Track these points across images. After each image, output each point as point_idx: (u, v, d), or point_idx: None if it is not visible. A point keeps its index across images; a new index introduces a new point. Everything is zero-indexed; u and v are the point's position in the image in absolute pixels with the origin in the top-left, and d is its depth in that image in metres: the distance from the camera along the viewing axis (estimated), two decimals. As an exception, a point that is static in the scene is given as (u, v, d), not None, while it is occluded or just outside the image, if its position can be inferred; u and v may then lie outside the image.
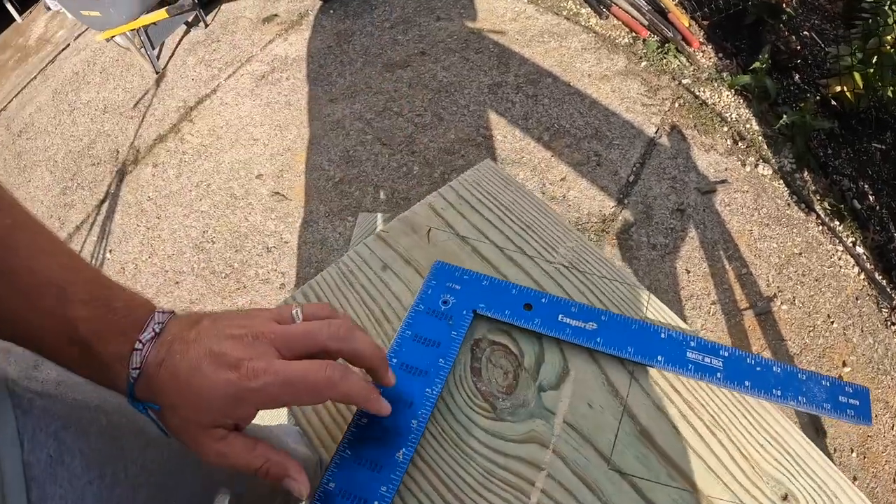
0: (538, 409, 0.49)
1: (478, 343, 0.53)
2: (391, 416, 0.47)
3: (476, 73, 2.29)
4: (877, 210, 1.56)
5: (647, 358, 0.50)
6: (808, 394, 0.49)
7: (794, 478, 0.47)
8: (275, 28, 2.73)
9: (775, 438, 0.48)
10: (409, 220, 0.61)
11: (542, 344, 0.52)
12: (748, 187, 1.78)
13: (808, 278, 1.58)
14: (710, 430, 0.48)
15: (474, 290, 0.54)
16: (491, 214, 0.60)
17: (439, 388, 0.49)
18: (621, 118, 2.03)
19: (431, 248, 0.58)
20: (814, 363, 1.44)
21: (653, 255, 1.71)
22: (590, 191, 1.88)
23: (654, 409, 0.49)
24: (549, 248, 0.58)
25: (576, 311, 0.53)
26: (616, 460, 0.47)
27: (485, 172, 0.64)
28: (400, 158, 2.10)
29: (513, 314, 0.53)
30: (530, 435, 0.48)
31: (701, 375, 0.50)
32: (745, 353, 0.51)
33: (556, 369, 0.51)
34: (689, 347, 0.51)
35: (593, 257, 0.57)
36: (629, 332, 0.52)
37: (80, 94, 2.81)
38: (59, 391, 0.46)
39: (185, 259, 2.04)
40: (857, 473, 1.30)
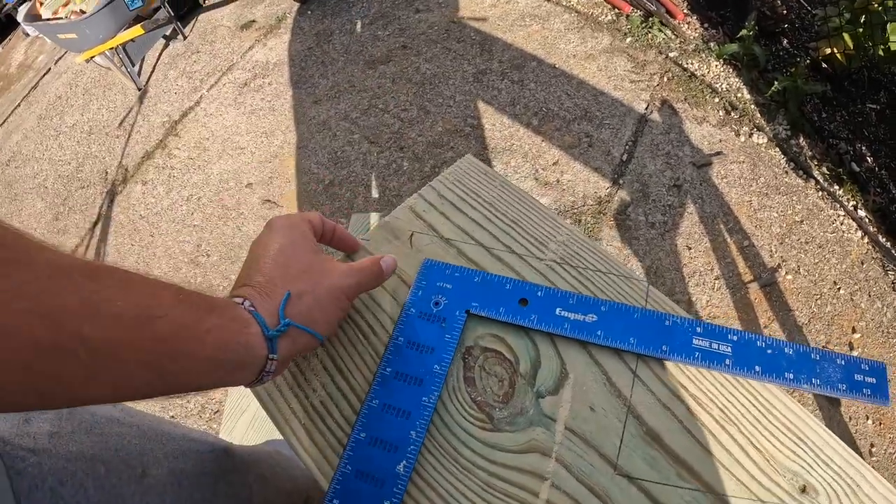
0: (537, 416, 0.47)
1: (469, 351, 0.50)
2: (389, 429, 0.46)
3: (459, 63, 2.25)
4: (876, 172, 1.52)
5: (652, 348, 0.48)
6: (822, 375, 0.47)
7: (811, 468, 0.44)
8: (253, 34, 2.70)
9: (789, 428, 0.45)
10: (391, 226, 0.58)
11: (537, 347, 0.50)
12: (744, 157, 1.74)
13: (812, 246, 1.54)
14: (721, 424, 0.46)
15: (466, 288, 0.52)
16: (475, 213, 0.58)
17: (436, 397, 0.47)
18: (610, 97, 2.00)
19: (415, 253, 0.56)
20: (823, 331, 1.42)
21: (652, 234, 1.68)
22: (583, 173, 1.85)
23: (660, 407, 0.46)
24: (538, 244, 0.55)
25: (574, 303, 0.50)
26: (623, 465, 0.45)
27: (466, 168, 0.61)
28: (388, 155, 2.07)
29: (508, 311, 0.50)
30: (531, 444, 0.46)
31: (709, 364, 0.47)
32: (755, 335, 0.48)
33: (553, 373, 0.48)
34: (696, 334, 0.49)
35: (586, 250, 0.54)
36: (631, 322, 0.49)
37: (65, 117, 2.79)
38: (53, 444, 0.45)
39: (182, 275, 2.02)
40: (873, 440, 1.28)
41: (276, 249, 0.45)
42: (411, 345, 0.49)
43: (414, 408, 0.47)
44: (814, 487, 0.43)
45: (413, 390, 0.47)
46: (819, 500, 0.43)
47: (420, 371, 0.48)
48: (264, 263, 0.45)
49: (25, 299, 0.29)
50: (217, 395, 1.71)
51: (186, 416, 1.76)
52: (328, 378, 0.51)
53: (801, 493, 0.43)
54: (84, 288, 0.32)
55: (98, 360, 0.32)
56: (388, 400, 0.47)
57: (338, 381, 0.50)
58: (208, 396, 1.76)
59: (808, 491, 0.43)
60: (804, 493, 0.43)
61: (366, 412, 0.47)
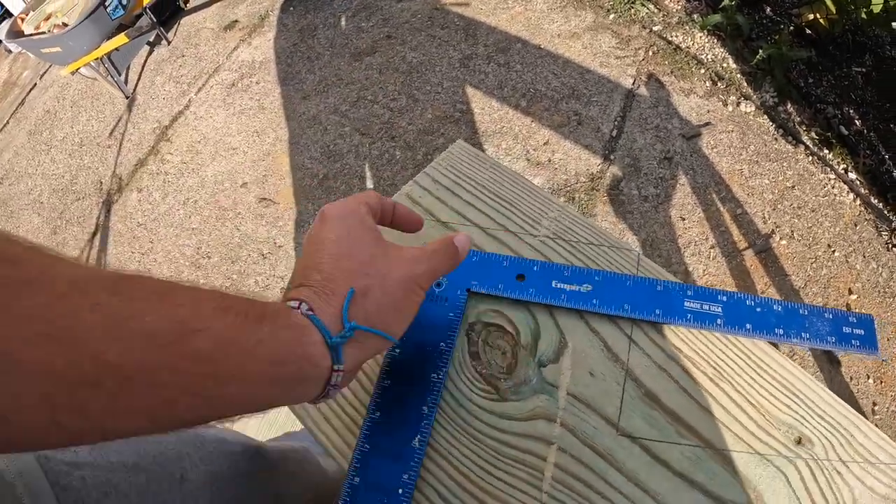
0: (540, 384, 0.49)
1: (472, 327, 0.52)
2: (402, 406, 0.48)
3: (445, 49, 2.25)
4: (865, 134, 1.54)
5: (645, 313, 0.50)
6: (811, 329, 0.49)
7: (805, 420, 0.46)
8: (237, 34, 2.69)
9: (782, 384, 0.48)
10: (389, 214, 0.60)
11: (536, 319, 0.52)
12: (733, 127, 1.76)
13: (804, 210, 1.56)
14: (715, 382, 0.48)
15: (465, 267, 0.54)
16: (469, 196, 0.59)
17: (445, 372, 0.49)
18: (596, 74, 2.01)
19: (413, 239, 0.57)
20: (819, 294, 1.44)
21: (646, 207, 1.70)
22: (574, 151, 1.86)
23: (656, 369, 0.48)
24: (532, 221, 0.57)
25: (569, 274, 0.52)
26: (624, 425, 0.47)
27: (458, 153, 0.63)
28: (380, 146, 2.08)
29: (506, 287, 0.52)
30: (536, 411, 0.48)
31: (700, 324, 0.49)
32: (744, 294, 0.50)
33: (553, 343, 0.50)
34: (687, 297, 0.51)
35: (578, 225, 0.56)
36: (624, 289, 0.51)
37: (55, 131, 2.78)
38: (94, 456, 0.45)
39: (184, 279, 2.03)
40: (875, 399, 1.30)
41: (333, 241, 0.40)
42: (418, 325, 0.51)
43: (424, 383, 0.49)
44: (809, 439, 0.46)
45: (424, 367, 0.49)
46: (815, 451, 0.45)
47: (429, 349, 0.50)
48: (320, 259, 0.39)
49: (39, 323, 0.25)
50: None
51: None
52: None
53: (797, 445, 0.45)
54: (106, 304, 0.27)
55: (128, 388, 0.27)
56: (399, 379, 0.49)
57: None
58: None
59: (803, 442, 0.45)
60: (800, 444, 0.45)
61: (379, 393, 0.49)
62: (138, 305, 0.28)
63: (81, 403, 0.26)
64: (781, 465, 0.45)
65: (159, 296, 0.30)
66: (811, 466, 0.45)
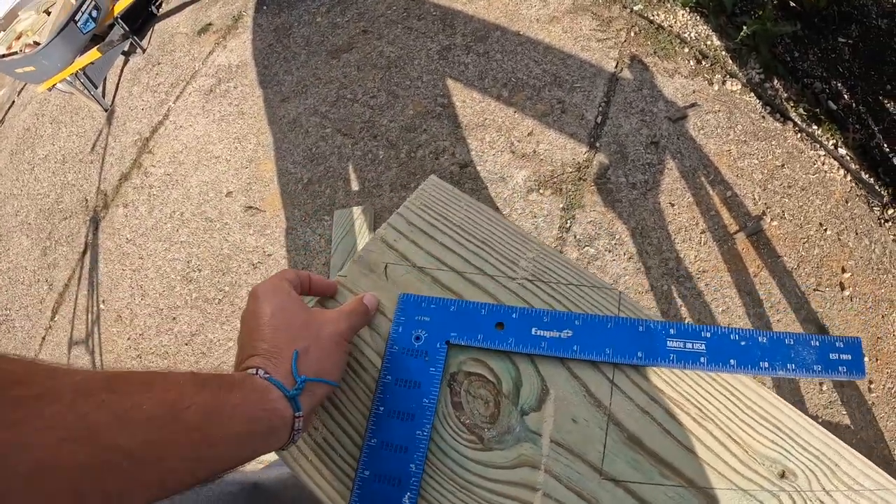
0: (524, 432, 0.49)
1: (454, 377, 0.52)
2: (389, 464, 0.48)
3: (422, 41, 2.21)
4: (853, 108, 1.51)
5: (627, 356, 0.49)
6: (797, 359, 0.49)
7: (789, 454, 0.46)
8: (212, 37, 2.64)
9: (765, 418, 0.47)
10: (365, 260, 0.59)
11: (517, 367, 0.51)
12: (719, 106, 1.73)
13: (795, 189, 1.55)
14: (699, 422, 0.48)
15: (444, 318, 0.53)
16: (445, 238, 0.58)
17: (429, 429, 0.49)
18: (578, 59, 1.97)
19: (391, 285, 0.57)
20: (812, 274, 1.44)
21: (634, 195, 1.69)
22: (559, 140, 1.84)
23: (639, 412, 0.48)
24: (509, 263, 0.56)
25: (548, 320, 0.52)
26: (608, 469, 0.47)
27: (431, 192, 0.62)
28: (363, 146, 2.05)
29: (486, 337, 0.52)
30: (520, 459, 0.48)
31: (684, 364, 0.49)
32: (728, 329, 0.50)
33: (535, 390, 0.50)
34: (669, 336, 0.50)
35: (556, 264, 0.55)
36: (605, 333, 0.51)
37: (37, 149, 2.75)
38: None
39: (177, 293, 2.03)
40: (871, 376, 1.31)
41: (270, 314, 0.48)
42: (399, 382, 0.51)
43: (410, 442, 0.49)
44: (792, 472, 0.46)
45: (407, 426, 0.49)
46: (798, 483, 0.45)
47: (411, 406, 0.50)
48: (263, 331, 0.47)
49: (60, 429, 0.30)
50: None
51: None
52: (327, 416, 0.53)
53: (781, 478, 0.46)
54: (109, 401, 0.33)
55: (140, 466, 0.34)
56: (386, 437, 0.49)
57: (337, 419, 0.52)
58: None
59: (786, 475, 0.46)
60: (783, 478, 0.46)
61: (367, 451, 0.49)
62: (134, 398, 0.35)
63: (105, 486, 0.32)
64: (765, 500, 0.45)
65: (147, 385, 0.36)
66: (794, 499, 0.45)
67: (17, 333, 2.26)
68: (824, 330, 1.38)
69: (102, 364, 2.01)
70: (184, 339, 1.95)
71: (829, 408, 1.34)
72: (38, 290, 2.30)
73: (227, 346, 1.87)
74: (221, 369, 1.75)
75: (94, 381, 0.34)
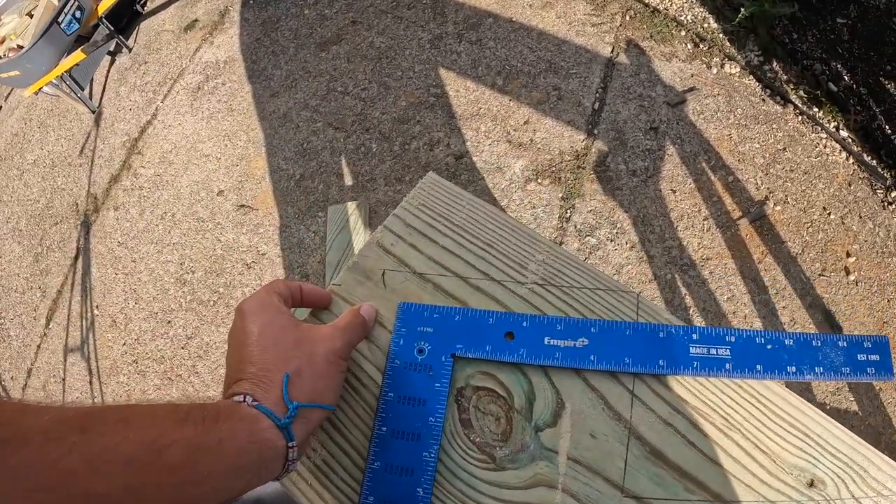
0: (539, 450, 0.46)
1: (461, 392, 0.49)
2: (395, 489, 0.45)
3: (413, 31, 2.16)
4: (854, 89, 1.47)
5: (648, 366, 0.46)
6: (825, 362, 0.46)
7: (817, 462, 0.44)
8: (198, 34, 2.57)
9: (793, 425, 0.45)
10: (360, 267, 0.55)
11: (529, 379, 0.48)
12: (718, 90, 1.70)
13: (797, 173, 1.52)
14: (724, 432, 0.45)
15: (448, 329, 0.50)
16: (446, 240, 0.55)
17: (436, 450, 0.46)
18: (573, 44, 1.93)
19: (390, 294, 0.54)
20: (817, 259, 1.41)
21: (635, 182, 1.66)
22: (557, 128, 1.81)
23: (661, 424, 0.45)
24: (517, 266, 0.53)
25: (562, 328, 0.48)
26: (630, 486, 0.44)
27: (429, 190, 0.59)
28: (356, 139, 2.01)
29: (494, 349, 0.48)
30: (536, 479, 0.45)
31: (708, 371, 0.46)
32: (753, 332, 0.47)
33: (549, 405, 0.47)
34: (692, 342, 0.47)
35: (568, 267, 0.52)
36: (624, 340, 0.47)
37: (25, 154, 2.69)
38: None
39: (171, 296, 1.99)
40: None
41: (257, 334, 0.44)
42: (402, 399, 0.48)
43: (417, 465, 0.46)
44: (821, 480, 0.43)
45: (412, 447, 0.46)
46: (827, 492, 0.43)
47: (416, 426, 0.47)
48: (250, 352, 0.43)
49: (28, 479, 0.28)
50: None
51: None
52: (326, 436, 0.50)
53: (809, 488, 0.43)
54: (81, 444, 0.31)
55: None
56: (390, 460, 0.46)
57: (336, 439, 0.49)
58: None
59: (815, 484, 0.43)
60: (812, 486, 0.43)
61: (370, 475, 0.46)
62: (110, 438, 0.32)
63: None
64: (794, 512, 0.42)
65: (125, 423, 0.34)
66: (824, 509, 0.42)
67: (12, 342, 2.22)
68: (830, 315, 1.36)
69: (99, 370, 1.98)
70: (180, 342, 1.91)
71: (836, 395, 1.32)
72: (32, 298, 2.26)
73: (223, 349, 1.83)
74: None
75: (66, 422, 0.31)
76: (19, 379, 2.13)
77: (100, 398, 1.94)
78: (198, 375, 1.84)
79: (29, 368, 2.13)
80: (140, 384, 1.90)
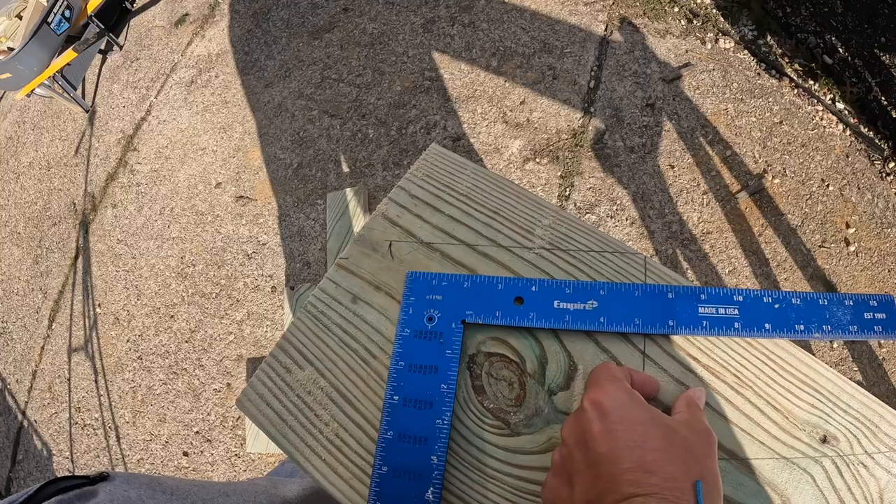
0: (553, 414, 0.46)
1: (473, 359, 0.49)
2: (409, 458, 0.45)
3: (405, 16, 2.15)
4: (850, 61, 1.47)
5: (658, 326, 0.46)
6: (832, 320, 0.46)
7: (829, 417, 0.44)
8: (189, 28, 2.55)
9: (804, 381, 0.45)
10: (367, 239, 0.55)
11: (541, 344, 0.48)
12: (713, 65, 1.69)
13: (794, 146, 1.52)
14: (736, 390, 0.45)
15: (458, 296, 0.50)
16: (452, 209, 0.55)
17: (449, 417, 0.46)
18: (567, 24, 1.92)
19: (398, 264, 0.53)
20: (817, 231, 1.41)
21: (633, 159, 1.65)
22: (553, 107, 1.80)
23: (673, 384, 0.45)
24: (524, 232, 0.53)
25: (571, 292, 0.48)
26: (645, 446, 0.44)
27: (433, 160, 0.58)
28: (352, 126, 2.00)
29: (504, 314, 0.48)
30: (551, 443, 0.46)
31: (718, 330, 0.46)
32: (761, 291, 0.47)
33: (562, 368, 0.47)
34: (700, 302, 0.47)
35: (575, 231, 0.52)
36: (633, 301, 0.47)
37: (20, 157, 2.67)
38: None
39: (173, 290, 1.99)
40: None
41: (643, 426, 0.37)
42: (414, 368, 0.48)
43: (430, 433, 0.46)
44: (834, 436, 0.43)
45: (425, 415, 0.46)
46: (840, 447, 0.43)
47: (428, 394, 0.47)
48: (642, 456, 0.35)
49: None
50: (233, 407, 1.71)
51: (211, 429, 1.77)
52: (337, 409, 0.49)
53: (822, 444, 0.43)
54: None
55: None
56: (403, 429, 0.46)
57: (347, 412, 0.49)
58: (226, 407, 1.77)
59: (828, 440, 0.43)
60: (825, 442, 0.43)
61: (383, 445, 0.46)
62: None
63: None
64: (807, 466, 0.43)
65: None
66: (837, 463, 0.43)
67: (15, 345, 2.22)
68: (832, 287, 1.36)
69: (104, 368, 1.98)
70: (184, 336, 1.92)
71: (840, 365, 1.32)
72: (34, 300, 2.25)
73: (227, 341, 1.84)
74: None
75: None
76: (24, 381, 2.14)
77: (105, 396, 1.95)
78: (203, 368, 1.84)
79: (34, 370, 2.13)
80: (146, 380, 1.91)
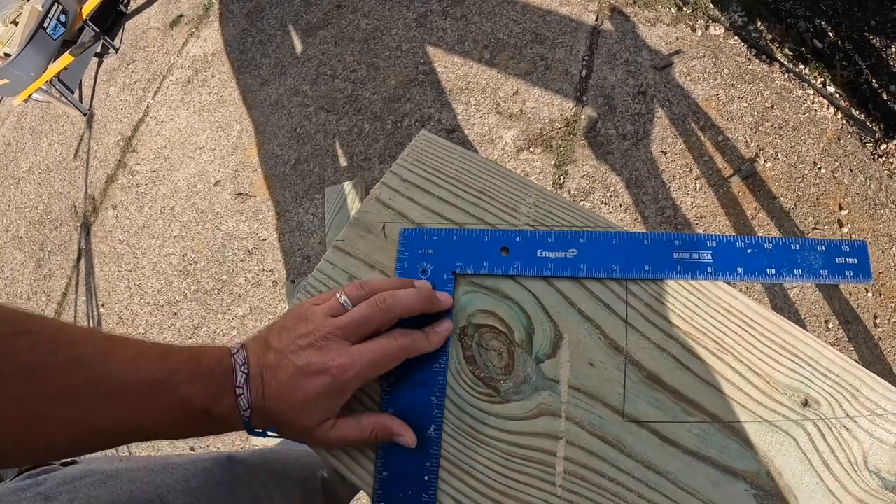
0: (541, 380, 0.48)
1: (464, 330, 0.51)
2: (410, 399, 0.48)
3: (398, 11, 2.16)
4: (840, 45, 1.48)
5: (635, 271, 0.49)
6: (804, 264, 0.48)
7: (810, 382, 0.46)
8: (184, 29, 2.57)
9: (785, 347, 0.47)
10: (361, 222, 0.57)
11: (528, 314, 0.50)
12: (704, 52, 1.70)
13: (786, 130, 1.54)
14: (717, 355, 0.47)
15: (448, 248, 0.52)
16: (441, 191, 0.57)
17: (445, 361, 0.49)
18: (557, 14, 1.93)
19: (391, 244, 0.55)
20: (810, 213, 1.43)
21: (626, 146, 1.67)
22: (546, 97, 1.82)
23: (656, 350, 0.47)
24: (509, 210, 0.55)
25: (553, 241, 0.51)
26: (629, 411, 0.46)
27: (423, 146, 0.60)
28: (348, 121, 2.02)
29: (491, 263, 0.51)
30: (540, 409, 0.48)
31: (691, 274, 0.48)
32: (734, 237, 0.49)
33: (548, 336, 0.49)
34: (675, 247, 0.49)
35: (558, 207, 0.54)
36: (611, 248, 0.50)
37: (20, 162, 2.69)
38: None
39: (175, 288, 2.01)
40: (876, 311, 1.31)
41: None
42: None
43: (429, 376, 0.49)
44: (815, 399, 0.45)
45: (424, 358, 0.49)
46: (822, 411, 0.45)
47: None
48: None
49: None
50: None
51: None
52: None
53: (804, 407, 0.45)
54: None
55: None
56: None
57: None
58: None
59: (809, 403, 0.45)
60: (806, 406, 0.45)
61: (387, 390, 0.49)
62: None
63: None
64: (790, 429, 0.45)
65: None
66: (819, 426, 0.45)
67: (18, 344, 2.24)
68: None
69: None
70: (187, 333, 1.94)
71: (836, 345, 1.34)
72: (37, 303, 2.27)
73: (230, 336, 1.87)
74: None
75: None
76: (30, 380, 2.15)
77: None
78: (206, 364, 1.86)
79: (39, 369, 2.15)
80: (150, 376, 1.92)
